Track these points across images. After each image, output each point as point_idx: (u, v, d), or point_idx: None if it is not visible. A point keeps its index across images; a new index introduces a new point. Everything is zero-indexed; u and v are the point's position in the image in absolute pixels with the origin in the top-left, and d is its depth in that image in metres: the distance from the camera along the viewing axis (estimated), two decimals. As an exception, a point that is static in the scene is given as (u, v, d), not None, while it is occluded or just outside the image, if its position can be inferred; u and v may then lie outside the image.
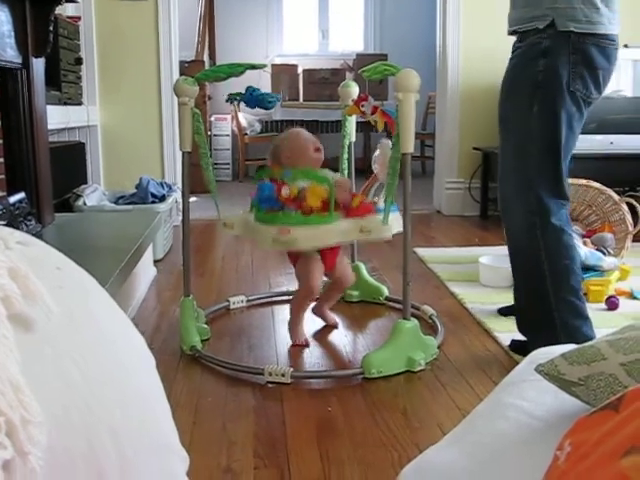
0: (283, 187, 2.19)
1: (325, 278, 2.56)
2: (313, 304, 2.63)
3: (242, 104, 2.44)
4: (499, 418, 1.06)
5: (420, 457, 1.01)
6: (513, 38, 2.25)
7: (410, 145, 2.09)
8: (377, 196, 2.33)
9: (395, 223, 2.22)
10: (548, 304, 2.16)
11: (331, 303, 2.64)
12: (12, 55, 2.51)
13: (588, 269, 2.94)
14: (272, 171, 2.29)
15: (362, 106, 2.32)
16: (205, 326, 2.51)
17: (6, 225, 0.54)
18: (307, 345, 2.44)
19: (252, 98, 2.35)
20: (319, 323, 2.64)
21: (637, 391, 0.63)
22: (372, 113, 2.28)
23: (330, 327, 2.62)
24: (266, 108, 2.40)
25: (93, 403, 0.46)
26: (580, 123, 2.21)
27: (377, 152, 2.30)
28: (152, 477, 0.50)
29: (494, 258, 3.17)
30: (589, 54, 2.09)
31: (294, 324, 2.47)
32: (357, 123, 2.87)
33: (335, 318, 2.65)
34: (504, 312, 2.66)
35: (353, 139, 2.82)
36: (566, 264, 2.17)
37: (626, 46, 4.29)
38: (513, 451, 0.96)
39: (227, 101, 2.46)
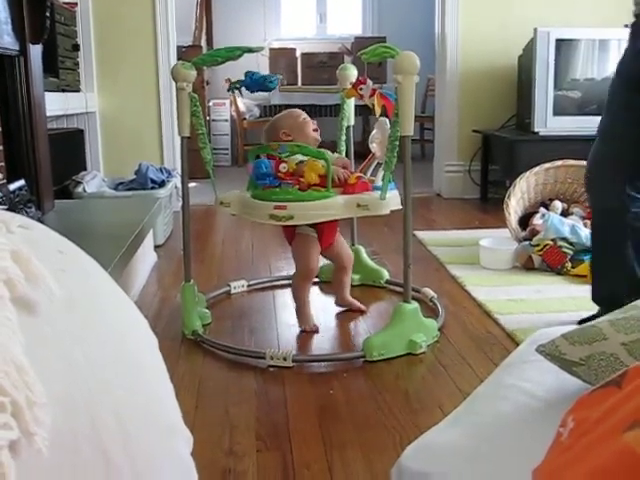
0: (281, 164, 2.19)
1: (327, 261, 2.56)
2: (334, 296, 2.63)
3: (245, 91, 2.43)
4: (500, 399, 1.07)
5: (421, 438, 1.02)
6: (516, 20, 2.23)
7: (410, 128, 2.09)
8: (375, 175, 2.32)
9: (392, 200, 2.21)
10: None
11: (347, 288, 2.62)
12: (9, 42, 2.49)
13: (589, 251, 2.94)
14: (268, 147, 2.28)
15: (360, 89, 2.31)
16: (206, 311, 2.51)
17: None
18: (316, 331, 2.41)
19: (253, 82, 2.34)
20: (319, 307, 2.65)
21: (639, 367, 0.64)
22: (370, 96, 2.28)
23: (342, 310, 2.61)
24: (268, 89, 2.39)
25: (96, 384, 0.46)
26: None
27: (375, 131, 2.30)
28: (156, 457, 0.50)
29: (494, 240, 3.17)
30: None
31: (300, 309, 2.46)
32: (356, 107, 2.86)
33: (358, 304, 2.62)
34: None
35: (352, 122, 2.81)
36: None
37: (626, 26, 4.26)
38: (514, 431, 0.97)
39: (229, 91, 2.45)
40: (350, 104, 2.77)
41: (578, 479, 0.52)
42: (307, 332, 2.41)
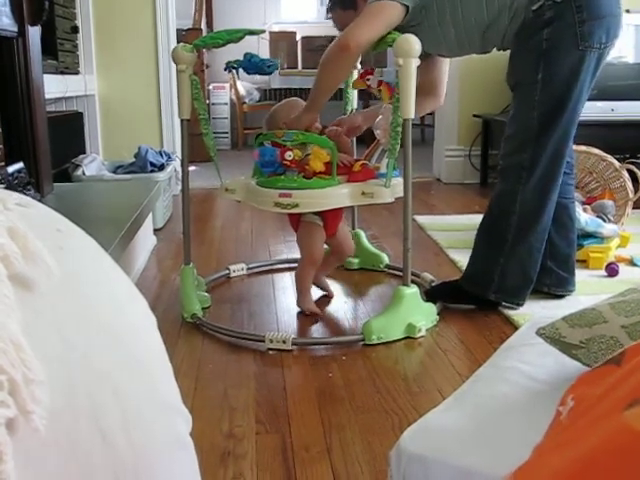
0: (287, 151, 2.18)
1: (325, 246, 2.56)
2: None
3: (241, 72, 2.42)
4: (500, 381, 1.07)
5: (420, 421, 1.02)
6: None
7: (411, 111, 2.08)
8: (379, 161, 2.32)
9: (397, 188, 2.21)
10: (499, 256, 2.34)
11: (328, 271, 2.63)
12: (7, 23, 2.48)
13: (588, 236, 2.94)
14: (273, 135, 2.28)
15: (367, 80, 2.33)
16: (206, 294, 2.51)
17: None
18: (317, 315, 2.41)
19: (251, 64, 2.33)
20: (319, 291, 2.65)
21: (639, 346, 0.63)
22: (377, 87, 2.30)
23: (339, 295, 2.61)
24: (265, 73, 2.38)
25: (95, 362, 0.46)
26: (592, 82, 2.24)
27: (379, 117, 2.29)
28: (156, 436, 0.50)
29: (494, 225, 3.16)
30: (594, 4, 2.11)
31: (302, 294, 2.46)
32: (357, 91, 2.85)
33: (329, 289, 2.62)
34: (430, 293, 2.51)
35: (355, 106, 2.81)
36: (533, 222, 2.29)
37: (628, 11, 4.25)
38: (513, 413, 0.97)
39: (226, 69, 2.44)
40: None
41: (578, 457, 0.52)
42: (306, 315, 2.41)
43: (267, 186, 2.22)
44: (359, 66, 2.64)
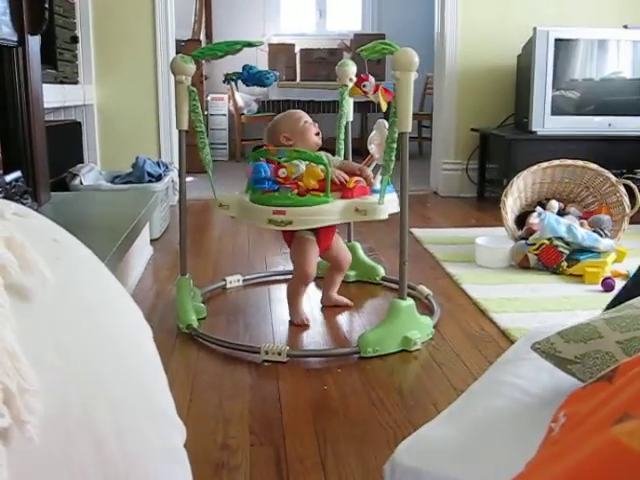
0: (280, 169, 2.19)
1: (320, 259, 2.56)
2: (320, 296, 2.63)
3: (240, 83, 2.43)
4: (495, 395, 1.07)
5: (415, 434, 1.01)
6: (515, 20, 2.23)
7: (408, 124, 2.08)
8: (373, 177, 2.32)
9: (391, 204, 2.21)
10: None
11: (336, 287, 2.62)
12: (7, 33, 2.48)
13: (585, 251, 2.94)
14: (267, 152, 2.28)
15: (364, 86, 2.32)
16: (201, 305, 2.51)
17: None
18: (307, 325, 2.42)
19: (250, 76, 2.34)
20: (315, 303, 2.64)
21: (631, 362, 0.64)
22: (374, 92, 2.28)
23: (329, 307, 2.60)
24: (264, 85, 2.38)
25: (89, 372, 0.46)
26: None
27: (373, 132, 2.29)
28: (149, 446, 0.50)
29: (490, 239, 3.17)
30: None
31: (292, 306, 2.47)
32: (354, 103, 2.85)
33: (345, 299, 2.62)
34: None
35: (350, 119, 2.81)
36: None
37: (625, 27, 4.28)
38: (508, 427, 0.97)
39: (224, 82, 2.44)
40: (349, 100, 2.76)
41: (566, 472, 0.52)
42: (297, 326, 2.42)
43: (261, 203, 2.22)
44: (354, 77, 2.64)
